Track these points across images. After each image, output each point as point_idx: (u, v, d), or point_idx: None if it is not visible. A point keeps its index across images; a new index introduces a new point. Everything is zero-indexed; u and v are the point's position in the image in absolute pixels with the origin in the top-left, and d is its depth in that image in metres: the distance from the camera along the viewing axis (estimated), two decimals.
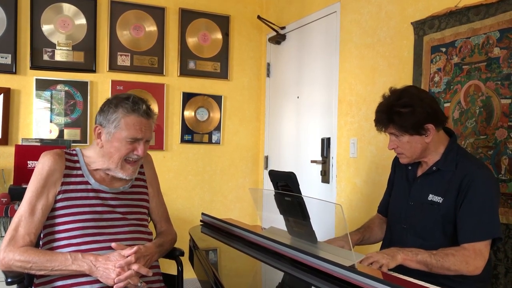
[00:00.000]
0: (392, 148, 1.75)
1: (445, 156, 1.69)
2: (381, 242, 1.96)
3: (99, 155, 1.66)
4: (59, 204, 1.59)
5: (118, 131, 1.59)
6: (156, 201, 1.86)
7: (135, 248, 1.54)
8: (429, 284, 1.30)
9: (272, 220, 1.84)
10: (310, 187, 3.21)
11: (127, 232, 1.65)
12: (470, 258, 1.51)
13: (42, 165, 1.59)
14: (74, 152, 1.70)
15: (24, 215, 1.54)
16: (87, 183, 1.65)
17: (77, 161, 1.67)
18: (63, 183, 1.61)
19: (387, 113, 1.68)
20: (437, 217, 1.65)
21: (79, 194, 1.62)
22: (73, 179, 1.63)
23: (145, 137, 1.63)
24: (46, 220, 1.58)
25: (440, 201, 1.65)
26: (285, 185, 1.59)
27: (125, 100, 1.61)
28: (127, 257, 1.52)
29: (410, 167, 1.83)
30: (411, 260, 1.51)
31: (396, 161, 1.93)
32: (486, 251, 1.54)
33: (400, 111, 1.64)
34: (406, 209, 1.78)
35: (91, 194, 1.64)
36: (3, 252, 1.50)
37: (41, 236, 1.62)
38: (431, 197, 1.68)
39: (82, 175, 1.65)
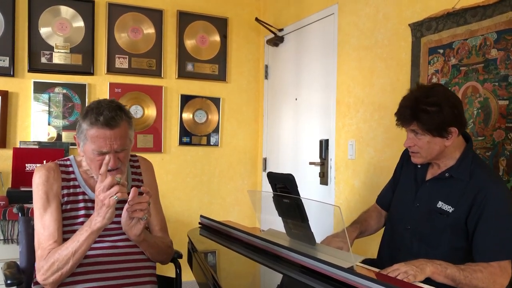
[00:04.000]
0: (408, 146, 1.69)
1: (460, 162, 1.63)
2: (376, 237, 1.94)
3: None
4: (64, 215, 1.60)
5: (87, 144, 1.54)
6: (153, 210, 1.76)
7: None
8: (424, 284, 1.31)
9: (270, 222, 1.84)
10: (309, 189, 3.21)
11: (123, 240, 1.64)
12: (497, 276, 1.47)
13: (36, 186, 1.58)
14: (68, 162, 1.68)
15: (40, 232, 1.55)
16: (84, 193, 1.64)
17: (72, 172, 1.66)
18: (63, 195, 1.61)
19: (412, 109, 1.61)
20: (445, 226, 1.60)
21: (80, 205, 1.62)
22: (72, 190, 1.63)
23: (111, 149, 1.52)
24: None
25: (450, 211, 1.59)
26: (284, 187, 1.59)
27: (92, 110, 1.53)
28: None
29: (419, 166, 1.77)
30: (439, 274, 1.42)
31: (405, 156, 1.86)
32: (509, 268, 1.50)
33: (427, 109, 1.58)
34: (411, 211, 1.74)
35: (89, 205, 1.62)
36: (37, 272, 1.51)
37: None
38: (440, 204, 1.63)
39: (78, 186, 1.65)
